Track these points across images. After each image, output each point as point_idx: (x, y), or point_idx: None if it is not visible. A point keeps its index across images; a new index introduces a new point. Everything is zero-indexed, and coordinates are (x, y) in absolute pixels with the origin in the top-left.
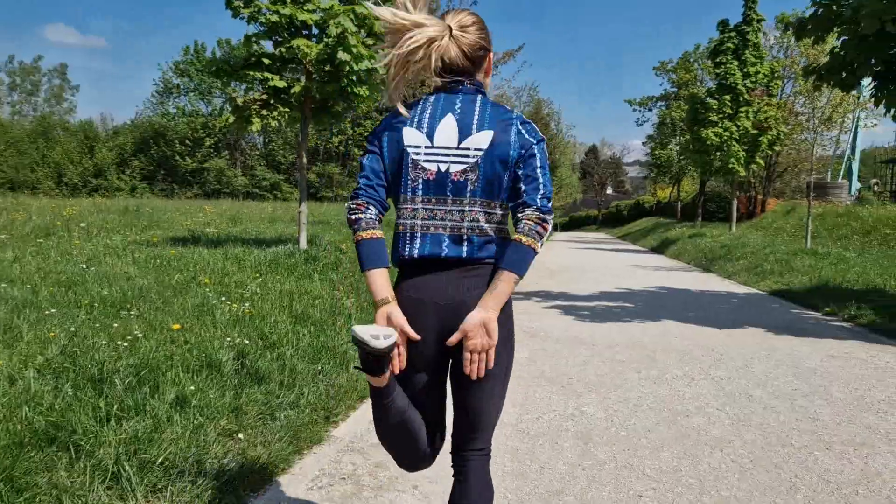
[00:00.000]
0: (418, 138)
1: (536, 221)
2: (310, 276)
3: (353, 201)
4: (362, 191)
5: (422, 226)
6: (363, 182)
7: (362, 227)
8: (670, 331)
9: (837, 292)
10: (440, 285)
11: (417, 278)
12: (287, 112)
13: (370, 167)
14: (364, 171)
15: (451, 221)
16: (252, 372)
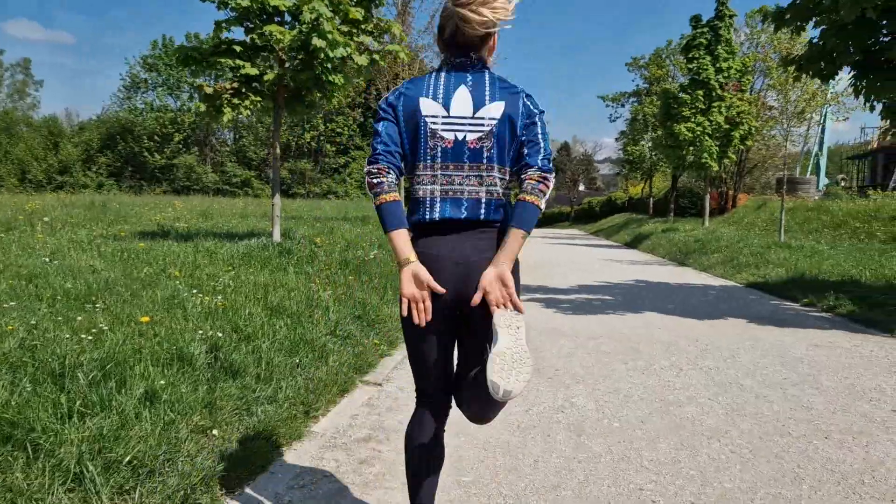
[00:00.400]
0: (436, 108)
1: (538, 179)
2: (284, 268)
3: (374, 166)
4: (382, 156)
5: (441, 191)
6: (381, 147)
7: (385, 189)
8: (652, 322)
9: (814, 284)
10: (456, 245)
11: (436, 237)
12: (259, 101)
13: (387, 133)
14: (381, 137)
15: (468, 186)
16: (226, 366)
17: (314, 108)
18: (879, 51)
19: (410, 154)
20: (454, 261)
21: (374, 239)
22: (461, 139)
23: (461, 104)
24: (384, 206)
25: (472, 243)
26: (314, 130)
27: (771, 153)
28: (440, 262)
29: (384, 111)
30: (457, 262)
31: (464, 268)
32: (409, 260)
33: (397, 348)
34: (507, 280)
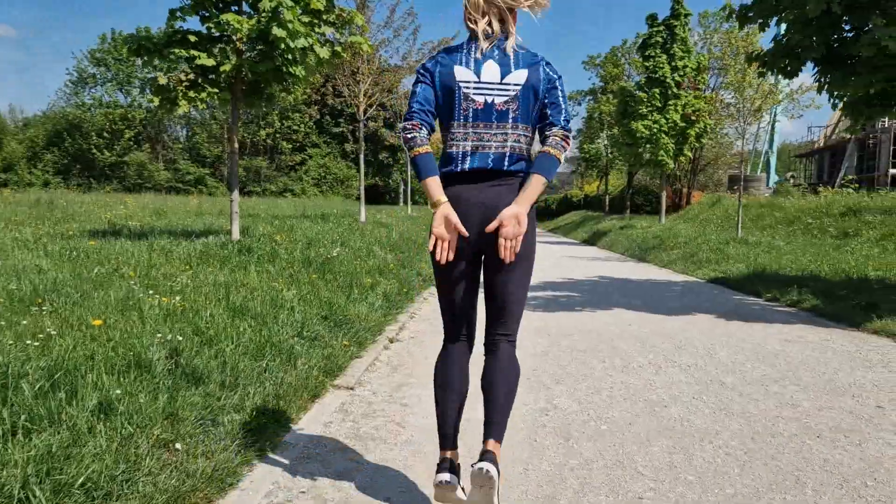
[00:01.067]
0: (469, 75)
1: (562, 137)
2: (245, 267)
3: (409, 122)
4: (416, 114)
5: (472, 145)
6: (416, 107)
7: (418, 143)
8: (623, 318)
9: (774, 278)
10: (482, 191)
11: (466, 185)
12: (216, 93)
13: (423, 95)
14: (417, 98)
15: (495, 142)
16: (188, 372)
17: (274, 102)
18: (842, 46)
19: (446, 113)
20: (480, 203)
21: (335, 236)
22: (490, 102)
23: (490, 72)
24: (419, 157)
25: (496, 190)
26: (269, 127)
27: (723, 151)
28: (468, 206)
29: (422, 75)
30: (482, 204)
31: (489, 209)
32: (441, 201)
33: (367, 349)
34: (522, 219)
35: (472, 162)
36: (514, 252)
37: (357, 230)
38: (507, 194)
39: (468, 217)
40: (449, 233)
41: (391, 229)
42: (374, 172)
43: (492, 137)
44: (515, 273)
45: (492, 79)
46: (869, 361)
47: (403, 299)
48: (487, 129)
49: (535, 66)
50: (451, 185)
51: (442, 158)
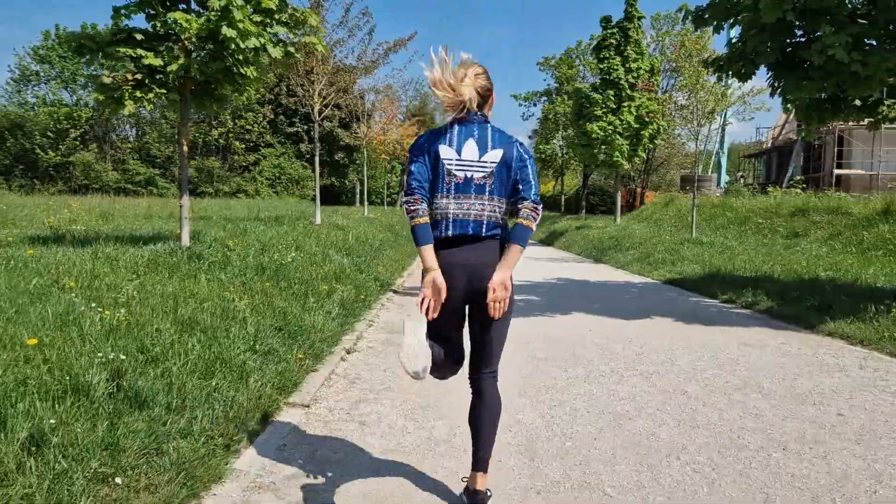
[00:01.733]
0: (451, 153)
1: (531, 209)
2: (195, 275)
3: (412, 196)
4: (417, 189)
5: (454, 214)
6: (416, 184)
7: (419, 214)
8: (582, 323)
9: (730, 279)
10: (466, 253)
11: (451, 249)
12: (164, 93)
13: (419, 172)
14: (415, 175)
15: (474, 211)
16: (131, 395)
17: (225, 103)
18: (795, 51)
19: (431, 186)
20: (464, 264)
21: (290, 241)
22: (469, 177)
23: (469, 151)
24: (419, 227)
25: (477, 252)
26: (222, 127)
27: (675, 151)
28: (453, 266)
29: (416, 156)
30: (465, 265)
31: (473, 269)
32: (433, 268)
33: (324, 362)
34: (507, 284)
35: (454, 228)
36: (502, 311)
37: (312, 233)
38: (485, 255)
39: (453, 275)
40: (435, 294)
41: (348, 232)
42: (330, 173)
43: (470, 207)
44: (499, 323)
45: (471, 157)
46: (826, 366)
47: (361, 306)
48: (467, 199)
49: (509, 146)
50: (438, 249)
51: (431, 224)
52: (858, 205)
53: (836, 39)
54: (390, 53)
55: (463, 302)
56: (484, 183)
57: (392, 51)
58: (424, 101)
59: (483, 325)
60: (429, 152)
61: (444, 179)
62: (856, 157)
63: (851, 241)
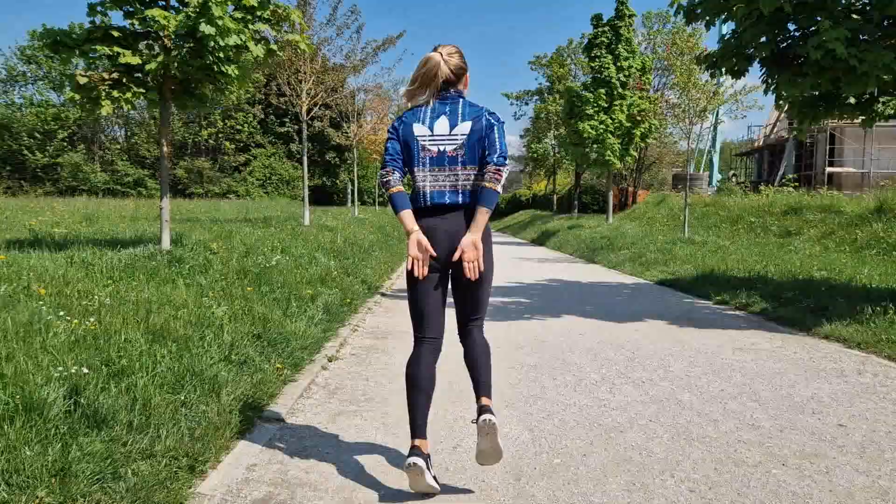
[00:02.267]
0: (424, 130)
1: (493, 171)
2: (173, 280)
3: (384, 169)
4: (389, 162)
5: (430, 185)
6: (388, 158)
7: (392, 184)
8: (574, 327)
9: (723, 280)
10: (444, 220)
11: (430, 217)
12: (142, 93)
13: (392, 148)
14: (389, 151)
15: (448, 181)
16: (90, 413)
17: (206, 102)
18: (789, 47)
19: (408, 161)
20: (444, 230)
21: (276, 243)
22: (442, 150)
23: (441, 126)
24: (394, 195)
25: (454, 219)
26: (212, 127)
27: (667, 150)
28: (434, 232)
29: (391, 133)
30: (446, 230)
31: (451, 234)
32: (413, 229)
33: (303, 371)
34: (478, 244)
35: (432, 198)
36: (477, 271)
37: (300, 235)
38: (462, 221)
39: (436, 241)
40: (421, 253)
41: (336, 233)
42: (321, 173)
43: (445, 178)
44: (481, 284)
45: (442, 132)
46: (823, 371)
47: (346, 311)
48: (441, 171)
49: (478, 117)
50: (419, 218)
51: (410, 196)
52: (851, 203)
53: (835, 34)
54: (379, 52)
55: (444, 268)
56: (456, 155)
57: (381, 49)
58: None
59: (466, 287)
60: (404, 131)
61: (419, 155)
62: (848, 155)
63: (845, 240)
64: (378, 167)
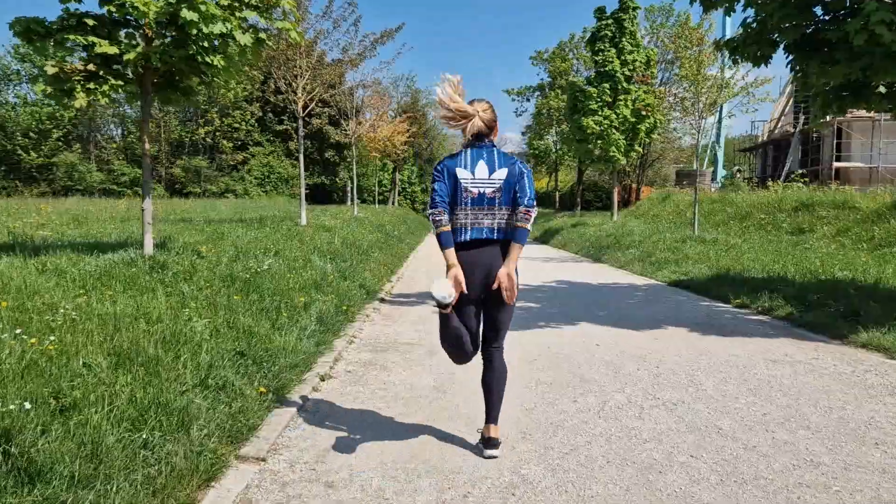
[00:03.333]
0: (466, 174)
1: (524, 212)
2: (153, 289)
3: (436, 209)
4: (440, 203)
5: (470, 223)
6: (438, 199)
7: (443, 223)
8: (589, 336)
9: (739, 281)
10: (481, 253)
11: (469, 251)
12: (121, 86)
13: (441, 189)
14: (438, 192)
15: (486, 220)
16: (22, 465)
17: (193, 96)
18: (816, 31)
19: (452, 201)
20: (480, 263)
21: (270, 244)
22: (482, 192)
23: (481, 171)
24: (443, 234)
25: (489, 252)
26: (209, 126)
27: (670, 146)
28: (471, 266)
29: (437, 176)
30: (482, 263)
31: (486, 267)
32: (454, 264)
33: (291, 393)
34: (513, 276)
35: (471, 234)
36: (512, 297)
37: (296, 235)
38: (496, 255)
39: (472, 272)
40: (456, 286)
41: (334, 234)
42: (320, 171)
43: (484, 217)
44: (507, 308)
45: (482, 175)
46: (872, 388)
47: (342, 319)
48: (480, 211)
49: (511, 165)
50: (459, 250)
51: (452, 231)
52: (866, 199)
53: (880, 16)
54: (377, 45)
55: (479, 293)
56: (494, 197)
57: (379, 42)
58: (416, 97)
59: (494, 309)
60: (448, 173)
61: (461, 195)
62: (855, 150)
63: (861, 237)
64: (375, 166)
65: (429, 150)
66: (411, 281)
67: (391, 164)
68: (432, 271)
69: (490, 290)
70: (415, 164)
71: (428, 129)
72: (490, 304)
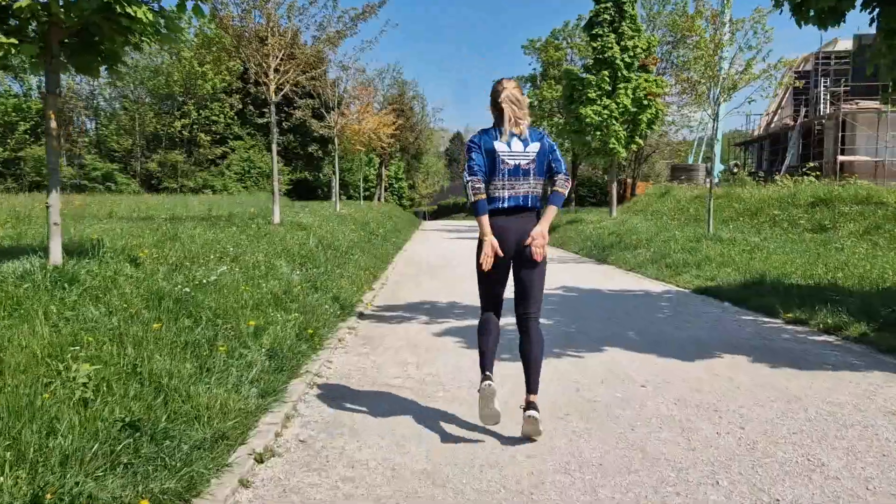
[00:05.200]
0: (503, 147)
1: (564, 179)
2: (42, 315)
3: (475, 177)
4: (478, 172)
5: (508, 191)
6: (476, 167)
7: (480, 191)
8: (625, 370)
9: (780, 289)
10: (517, 220)
11: (505, 216)
12: (14, 45)
13: (478, 160)
14: (476, 161)
15: (522, 189)
16: None
17: (117, 62)
18: None
19: (489, 171)
20: (515, 229)
21: (229, 247)
22: (517, 164)
23: (516, 145)
24: (480, 201)
25: (525, 219)
26: (186, 118)
27: (665, 139)
28: (507, 231)
29: (473, 146)
30: (516, 229)
31: (520, 231)
32: (489, 233)
33: (202, 497)
34: (545, 234)
35: (509, 201)
36: (541, 254)
37: (265, 235)
38: (529, 221)
39: (506, 237)
40: (493, 253)
41: (310, 233)
42: (304, 166)
43: (520, 186)
44: (538, 270)
45: (517, 149)
46: None
47: (305, 350)
48: (516, 181)
49: (542, 140)
50: (495, 217)
51: (489, 199)
52: (892, 194)
53: None
54: (358, 22)
55: (511, 257)
56: (529, 168)
57: (360, 19)
58: (402, 89)
59: (526, 272)
60: (485, 147)
61: (499, 167)
62: (860, 143)
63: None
64: (360, 160)
65: (416, 145)
66: (397, 288)
67: (377, 158)
68: (420, 275)
69: (521, 254)
70: (402, 160)
71: (416, 122)
72: (522, 268)
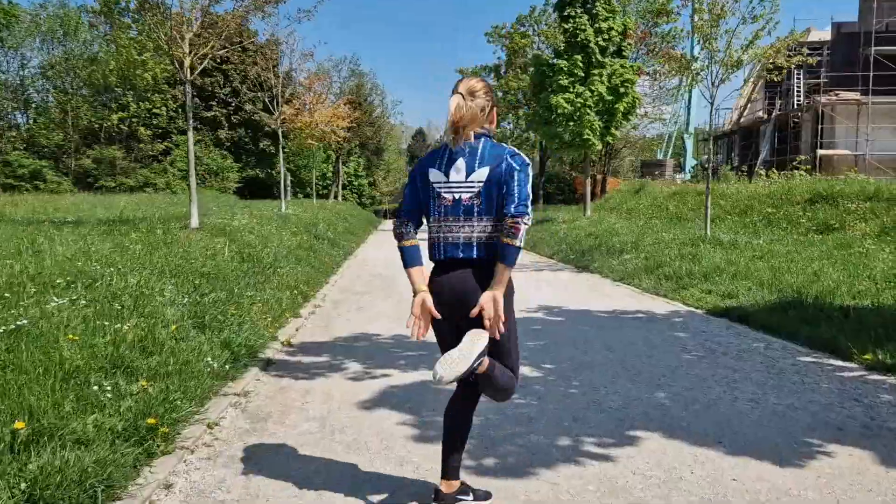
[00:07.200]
0: (440, 177)
1: (510, 224)
2: None
3: (399, 220)
4: (405, 213)
5: (443, 237)
6: (405, 207)
7: (405, 237)
8: (682, 486)
9: (831, 313)
10: (452, 279)
11: (441, 273)
12: None
13: (410, 195)
14: (406, 199)
15: (462, 233)
16: None
17: None
18: None
19: (425, 209)
20: (451, 287)
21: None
22: (458, 198)
23: (457, 172)
24: (405, 248)
25: (464, 276)
26: (124, 111)
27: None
28: (443, 288)
29: (410, 179)
30: (453, 288)
31: (458, 293)
32: (420, 289)
33: None
34: (498, 301)
35: (445, 252)
36: (498, 328)
37: (170, 244)
38: (470, 278)
39: (443, 296)
40: (423, 314)
41: (232, 240)
42: (255, 163)
43: (459, 230)
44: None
45: (458, 178)
46: None
47: (128, 470)
48: (455, 222)
49: (497, 161)
50: (434, 269)
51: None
52: None
53: None
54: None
55: (451, 320)
56: (471, 204)
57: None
58: (361, 80)
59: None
60: (421, 175)
61: (435, 202)
62: (839, 136)
63: None
64: (313, 154)
65: (375, 140)
66: (334, 312)
67: (334, 154)
68: (366, 293)
69: (468, 320)
70: (361, 156)
71: (376, 117)
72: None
